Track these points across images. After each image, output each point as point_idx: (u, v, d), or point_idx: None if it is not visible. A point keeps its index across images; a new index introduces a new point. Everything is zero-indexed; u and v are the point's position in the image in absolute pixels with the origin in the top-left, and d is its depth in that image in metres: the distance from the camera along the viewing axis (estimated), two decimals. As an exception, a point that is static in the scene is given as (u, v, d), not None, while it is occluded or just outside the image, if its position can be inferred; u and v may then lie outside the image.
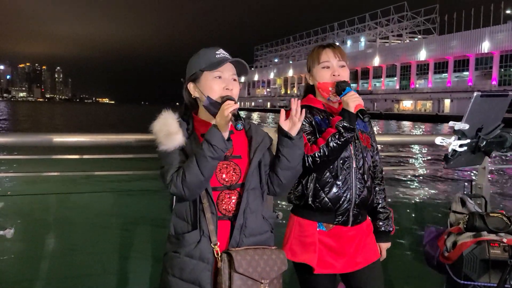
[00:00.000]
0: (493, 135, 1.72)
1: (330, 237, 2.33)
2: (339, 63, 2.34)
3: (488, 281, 2.84)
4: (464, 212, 3.22)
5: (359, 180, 2.33)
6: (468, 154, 1.71)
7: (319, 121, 2.33)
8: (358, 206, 2.33)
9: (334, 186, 2.28)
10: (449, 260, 3.01)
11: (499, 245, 2.85)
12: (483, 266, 2.85)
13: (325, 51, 2.35)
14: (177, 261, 1.90)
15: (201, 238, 1.88)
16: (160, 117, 1.95)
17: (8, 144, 2.85)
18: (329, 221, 2.32)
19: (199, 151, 1.83)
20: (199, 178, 1.83)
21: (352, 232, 2.36)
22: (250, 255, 1.89)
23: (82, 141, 2.85)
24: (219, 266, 1.86)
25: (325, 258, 2.32)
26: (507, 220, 3.02)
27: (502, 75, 71.42)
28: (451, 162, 1.69)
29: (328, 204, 2.28)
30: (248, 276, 1.86)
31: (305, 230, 2.35)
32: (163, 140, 1.89)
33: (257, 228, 2.00)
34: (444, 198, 5.23)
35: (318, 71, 2.36)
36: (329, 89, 2.32)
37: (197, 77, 2.00)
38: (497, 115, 1.74)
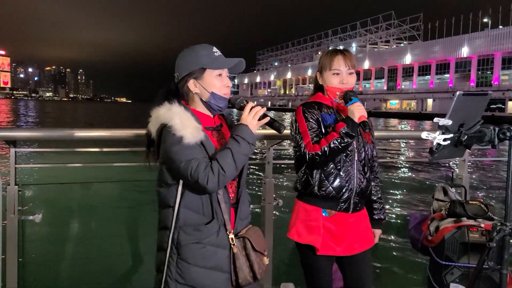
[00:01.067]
0: (474, 130, 1.71)
1: (332, 222, 2.35)
2: (348, 70, 2.34)
3: (467, 262, 2.83)
4: (446, 200, 3.21)
5: (360, 171, 2.35)
6: (451, 147, 1.71)
7: (326, 117, 2.33)
8: (358, 195, 2.35)
9: (338, 176, 2.30)
10: (432, 243, 3.00)
11: (477, 230, 2.85)
12: (463, 248, 2.85)
13: (337, 58, 2.34)
14: (201, 251, 1.82)
15: (220, 227, 1.85)
16: (170, 110, 1.80)
17: (36, 138, 2.85)
18: (332, 207, 2.34)
19: (237, 148, 1.77)
20: (234, 172, 1.80)
21: (352, 219, 2.38)
22: (253, 235, 1.93)
23: (101, 135, 2.86)
24: (235, 251, 1.85)
25: (327, 241, 2.34)
26: (484, 207, 3.01)
27: (479, 77, 71.29)
28: (435, 155, 1.68)
29: (332, 192, 2.30)
30: (260, 251, 1.92)
31: (311, 215, 2.36)
32: (188, 134, 1.74)
33: (247, 211, 2.03)
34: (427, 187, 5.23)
35: (329, 76, 2.36)
36: (336, 94, 2.35)
37: (199, 74, 1.89)
38: (477, 112, 1.73)
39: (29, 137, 2.83)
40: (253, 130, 1.82)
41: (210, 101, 1.91)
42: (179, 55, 1.95)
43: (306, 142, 2.27)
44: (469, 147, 1.73)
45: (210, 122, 1.95)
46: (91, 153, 3.14)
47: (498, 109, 58.58)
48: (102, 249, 3.50)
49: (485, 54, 69.38)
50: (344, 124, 2.20)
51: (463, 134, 1.68)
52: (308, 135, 2.28)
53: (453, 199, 3.16)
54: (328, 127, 2.30)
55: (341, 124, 2.22)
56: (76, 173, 3.95)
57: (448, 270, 2.89)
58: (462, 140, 1.68)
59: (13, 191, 2.64)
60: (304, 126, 2.31)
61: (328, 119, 2.33)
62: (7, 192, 2.62)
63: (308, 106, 2.36)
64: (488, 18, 74.00)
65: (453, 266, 2.87)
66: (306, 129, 2.30)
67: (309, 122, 2.31)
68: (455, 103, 1.61)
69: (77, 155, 3.23)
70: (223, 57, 1.93)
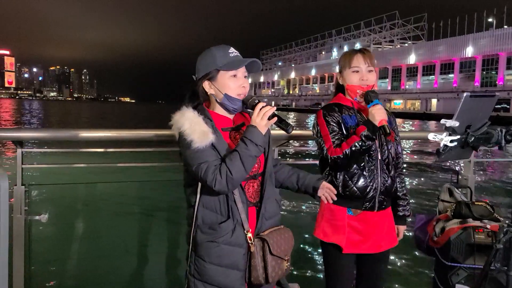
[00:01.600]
0: (481, 132, 1.71)
1: (357, 221, 2.36)
2: (368, 68, 2.34)
3: (473, 263, 2.83)
4: (452, 201, 3.20)
5: (384, 170, 2.36)
6: (458, 148, 1.70)
7: (346, 119, 2.34)
8: (383, 194, 2.36)
9: (362, 176, 2.31)
10: (438, 244, 2.99)
11: (483, 231, 2.84)
12: (469, 249, 2.84)
13: (356, 56, 2.35)
14: (215, 250, 1.85)
15: (235, 226, 1.86)
16: (185, 115, 1.84)
17: (41, 139, 2.87)
18: (357, 207, 2.35)
19: (244, 150, 1.78)
20: (244, 174, 1.81)
21: (377, 217, 2.38)
22: (276, 237, 1.93)
23: (106, 136, 2.86)
24: (252, 250, 1.87)
25: (352, 240, 2.36)
26: (490, 208, 3.01)
27: (484, 77, 70.99)
28: (442, 156, 1.68)
29: (356, 192, 2.31)
30: (278, 256, 1.91)
31: (336, 215, 2.38)
32: (197, 139, 1.78)
33: (274, 211, 2.02)
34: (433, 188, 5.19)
35: (348, 74, 2.36)
36: (356, 92, 2.34)
37: (213, 75, 1.92)
38: (485, 113, 1.72)
39: (36, 138, 2.83)
40: (262, 131, 1.81)
41: (224, 102, 1.92)
42: (198, 57, 1.99)
43: (328, 145, 2.30)
44: (476, 148, 1.73)
45: (228, 123, 1.97)
46: (97, 154, 3.15)
47: (503, 109, 58.33)
48: (107, 248, 3.52)
49: (490, 54, 69.08)
50: (364, 128, 2.21)
51: (470, 135, 1.68)
52: (330, 138, 2.30)
53: (459, 200, 3.16)
54: (350, 129, 2.31)
55: (362, 127, 2.22)
56: (81, 173, 3.97)
57: (453, 271, 2.88)
58: (469, 141, 1.68)
59: (19, 191, 2.66)
60: (326, 129, 2.32)
61: (349, 120, 2.34)
62: (14, 192, 2.63)
63: (328, 109, 2.38)
64: (493, 17, 73.74)
65: (459, 267, 2.86)
66: (328, 133, 2.31)
67: (330, 125, 2.32)
68: (462, 104, 1.60)
69: (82, 155, 3.24)
70: (239, 58, 1.94)
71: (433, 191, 6.06)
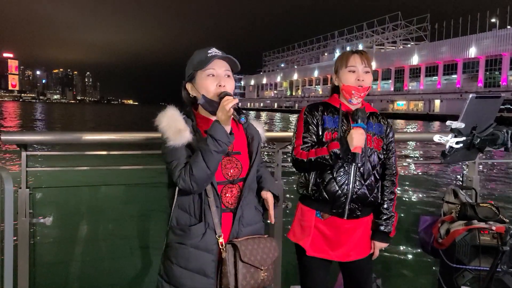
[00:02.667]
0: (487, 133, 1.69)
1: (326, 225, 2.31)
2: (364, 68, 2.29)
3: (479, 265, 2.81)
4: (456, 203, 3.19)
5: (358, 177, 2.25)
6: (464, 150, 1.69)
7: (326, 119, 2.29)
8: (355, 202, 2.26)
9: (333, 181, 2.24)
10: (443, 246, 2.98)
11: (488, 233, 2.82)
12: (474, 251, 2.83)
13: (353, 57, 2.30)
14: (183, 252, 1.83)
15: (206, 230, 1.83)
16: (166, 113, 1.84)
17: (47, 142, 2.87)
18: (325, 211, 2.30)
19: (204, 146, 1.75)
20: (206, 172, 1.75)
21: (349, 225, 2.31)
22: (251, 245, 1.87)
23: (110, 138, 2.87)
24: (224, 256, 1.82)
25: (318, 243, 2.32)
26: (495, 210, 2.99)
27: (487, 77, 70.89)
28: (448, 158, 1.67)
29: (325, 197, 2.26)
30: (251, 264, 1.85)
31: (305, 216, 2.36)
32: (171, 136, 1.79)
33: (252, 218, 1.97)
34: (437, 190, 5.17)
35: (344, 74, 2.31)
36: (351, 92, 2.29)
37: (192, 77, 1.92)
38: (490, 114, 1.71)
39: (40, 141, 2.84)
40: (224, 124, 1.77)
41: (200, 103, 1.89)
42: None
43: (296, 144, 2.27)
44: (482, 150, 1.71)
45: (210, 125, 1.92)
46: (100, 156, 3.15)
47: (507, 109, 58.13)
48: (111, 251, 3.51)
49: (493, 54, 68.97)
50: (337, 146, 2.14)
51: (475, 137, 1.67)
52: (301, 138, 2.26)
53: (464, 202, 3.14)
54: (325, 130, 2.26)
55: (335, 144, 2.15)
56: (85, 176, 3.98)
57: (459, 273, 2.86)
58: (475, 143, 1.67)
59: (24, 194, 2.66)
60: (301, 128, 2.29)
61: (328, 122, 2.28)
62: (18, 195, 2.64)
63: (311, 107, 2.34)
64: (496, 18, 73.61)
65: (464, 269, 2.85)
66: (301, 132, 2.28)
67: (306, 125, 2.28)
68: (468, 106, 1.59)
69: (86, 158, 3.24)
70: (214, 55, 1.89)
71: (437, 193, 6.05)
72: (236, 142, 1.95)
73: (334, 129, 2.26)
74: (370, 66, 2.32)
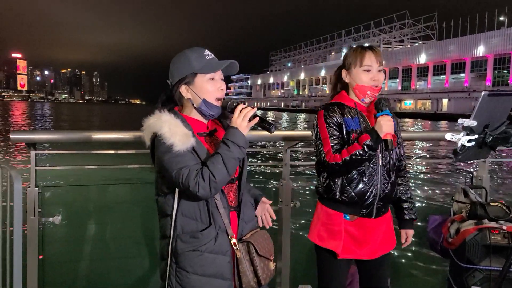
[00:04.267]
0: (499, 131, 1.67)
1: (354, 226, 2.28)
2: (379, 67, 2.24)
3: (489, 265, 2.78)
4: (466, 202, 3.16)
5: (384, 176, 2.25)
6: (475, 148, 1.67)
7: (348, 121, 2.22)
8: (382, 200, 2.27)
9: (361, 182, 2.21)
10: (453, 246, 2.95)
11: (499, 232, 2.79)
12: (485, 251, 2.80)
13: (368, 55, 2.22)
14: (198, 259, 1.78)
15: (218, 233, 1.80)
16: (162, 119, 1.77)
17: (56, 141, 2.88)
18: (355, 213, 2.26)
19: (226, 152, 1.72)
20: (227, 178, 1.74)
21: (374, 224, 2.30)
22: (258, 239, 1.89)
23: (118, 137, 2.87)
24: (239, 256, 1.81)
25: (348, 245, 2.28)
26: (506, 209, 2.96)
27: (496, 76, 70.38)
28: (459, 156, 1.65)
29: (354, 198, 2.22)
30: (265, 256, 1.87)
31: (333, 219, 2.30)
32: (178, 142, 1.71)
33: (251, 214, 1.99)
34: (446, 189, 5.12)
35: (359, 73, 2.24)
36: (366, 93, 2.23)
37: (190, 79, 1.85)
38: (503, 112, 1.69)
39: (49, 140, 2.85)
40: (243, 132, 1.76)
41: (201, 108, 1.86)
42: (171, 61, 1.91)
43: (326, 150, 2.18)
44: (494, 148, 1.69)
45: (203, 128, 1.90)
46: (108, 155, 3.16)
47: (515, 108, 57.68)
48: (119, 250, 3.52)
49: (502, 53, 68.43)
50: (368, 137, 2.09)
51: (488, 135, 1.65)
52: (329, 142, 2.18)
53: (474, 201, 3.11)
54: (351, 133, 2.20)
55: (365, 136, 2.11)
56: (93, 174, 3.98)
57: (469, 273, 2.83)
58: (487, 141, 1.65)
59: (33, 193, 2.67)
60: (325, 132, 2.21)
61: (351, 123, 2.22)
62: (27, 194, 2.65)
63: (329, 109, 2.25)
64: (505, 16, 73.01)
65: (475, 269, 2.82)
66: (327, 136, 2.20)
67: (330, 128, 2.20)
68: (480, 103, 1.57)
69: (94, 157, 3.26)
70: (215, 60, 1.87)
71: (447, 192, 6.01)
72: None
73: (357, 130, 2.21)
74: (382, 64, 2.27)
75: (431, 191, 7.61)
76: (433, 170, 11.58)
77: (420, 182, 10.09)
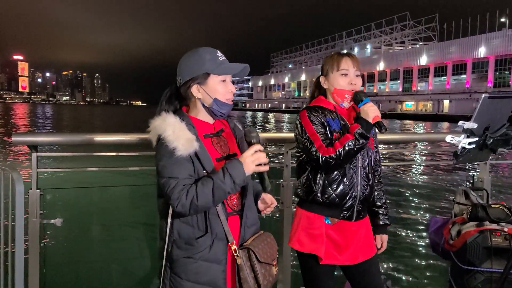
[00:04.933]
0: (499, 134, 1.68)
1: (335, 230, 2.27)
2: (356, 72, 2.25)
3: (490, 266, 2.77)
4: (468, 204, 3.15)
5: (364, 178, 2.27)
6: (476, 151, 1.67)
7: (330, 122, 2.23)
8: (362, 202, 2.27)
9: (342, 183, 2.21)
10: (454, 247, 2.95)
11: (500, 234, 2.79)
12: (486, 253, 2.79)
13: (344, 59, 2.25)
14: (192, 266, 1.77)
15: (214, 241, 1.78)
16: (166, 121, 1.75)
17: (57, 143, 2.88)
18: (335, 215, 2.26)
19: (219, 183, 1.68)
20: (210, 205, 1.71)
21: (355, 228, 2.29)
22: (259, 243, 1.86)
23: (120, 139, 2.87)
24: (239, 263, 1.78)
25: (330, 250, 2.26)
26: (507, 211, 2.95)
27: (497, 77, 70.32)
28: (460, 158, 1.65)
29: (335, 200, 2.21)
30: (266, 262, 1.84)
31: (313, 223, 2.28)
32: (181, 146, 1.69)
33: (254, 218, 1.95)
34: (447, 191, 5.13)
35: (336, 78, 2.26)
36: (344, 96, 2.25)
37: (202, 79, 1.83)
38: (503, 115, 1.69)
39: (51, 142, 2.85)
40: (246, 171, 1.72)
41: (212, 107, 1.85)
42: (182, 58, 1.88)
43: (318, 145, 2.15)
44: (494, 150, 1.70)
45: (209, 129, 1.89)
46: (109, 157, 3.16)
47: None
48: (121, 252, 3.53)
49: (503, 54, 68.38)
50: (358, 126, 2.10)
51: (488, 137, 1.65)
52: (319, 137, 2.16)
53: (475, 203, 3.10)
54: (334, 133, 2.20)
55: (355, 125, 2.12)
56: (94, 177, 3.99)
57: (470, 275, 2.83)
58: (488, 143, 1.65)
59: (35, 195, 2.67)
60: (312, 129, 2.19)
61: (332, 124, 2.22)
62: (29, 196, 2.65)
63: (312, 109, 2.26)
64: (506, 17, 72.94)
65: (476, 270, 2.81)
66: (315, 132, 2.18)
67: (315, 125, 2.20)
68: (480, 106, 1.57)
69: (95, 159, 3.26)
70: (228, 62, 1.86)
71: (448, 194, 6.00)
72: (230, 144, 1.94)
73: (339, 130, 2.22)
74: (360, 69, 2.28)
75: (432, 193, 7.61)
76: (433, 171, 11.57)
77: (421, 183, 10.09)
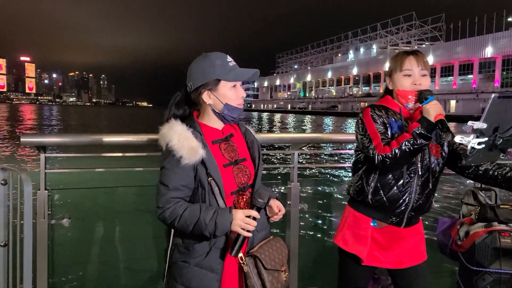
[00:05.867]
0: (509, 134, 1.66)
1: (381, 234, 2.22)
2: (421, 71, 2.14)
3: (499, 268, 2.75)
4: (476, 204, 3.13)
5: (420, 186, 2.16)
6: (486, 151, 1.66)
7: (392, 123, 2.14)
8: (414, 210, 2.19)
9: (395, 187, 2.13)
10: (462, 248, 2.93)
11: (509, 235, 2.76)
12: (494, 254, 2.77)
13: (408, 59, 2.15)
14: (186, 271, 1.79)
15: (211, 248, 1.79)
16: (173, 130, 1.77)
17: (65, 144, 2.89)
18: (383, 219, 2.21)
19: (203, 221, 1.70)
20: (187, 231, 1.74)
21: (403, 233, 2.24)
22: (267, 250, 1.85)
23: (128, 140, 2.87)
24: (246, 270, 1.77)
25: (373, 252, 2.22)
26: (516, 211, 2.93)
27: (504, 77, 69.89)
28: (469, 159, 1.64)
29: (385, 204, 2.15)
30: (274, 269, 1.83)
31: (360, 223, 2.25)
32: (186, 155, 1.71)
33: (264, 222, 1.95)
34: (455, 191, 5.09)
35: (399, 78, 2.17)
36: (408, 97, 2.14)
37: (213, 85, 1.83)
38: (513, 115, 1.68)
39: (59, 143, 2.86)
40: (232, 227, 1.73)
41: (224, 112, 1.86)
42: (192, 63, 1.89)
43: (376, 143, 2.06)
44: (504, 150, 1.69)
45: (218, 135, 1.90)
46: (118, 158, 3.17)
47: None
48: (129, 252, 3.53)
49: (510, 54, 67.99)
50: (417, 125, 1.97)
51: (498, 137, 1.64)
52: (379, 136, 2.07)
53: (483, 203, 3.08)
54: (395, 135, 2.10)
55: (415, 124, 1.99)
56: (101, 177, 4.00)
57: (479, 276, 2.81)
58: (497, 143, 1.64)
59: (43, 195, 2.69)
60: (373, 127, 2.10)
61: (394, 126, 2.13)
62: (37, 196, 2.67)
63: (376, 108, 2.18)
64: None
65: (484, 272, 2.79)
66: (376, 131, 2.09)
67: (377, 124, 2.11)
68: (490, 106, 1.56)
69: (103, 159, 3.27)
70: (238, 68, 1.86)
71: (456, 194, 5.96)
72: (239, 149, 1.94)
73: (400, 133, 2.11)
74: (427, 68, 2.16)
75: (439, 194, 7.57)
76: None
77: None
